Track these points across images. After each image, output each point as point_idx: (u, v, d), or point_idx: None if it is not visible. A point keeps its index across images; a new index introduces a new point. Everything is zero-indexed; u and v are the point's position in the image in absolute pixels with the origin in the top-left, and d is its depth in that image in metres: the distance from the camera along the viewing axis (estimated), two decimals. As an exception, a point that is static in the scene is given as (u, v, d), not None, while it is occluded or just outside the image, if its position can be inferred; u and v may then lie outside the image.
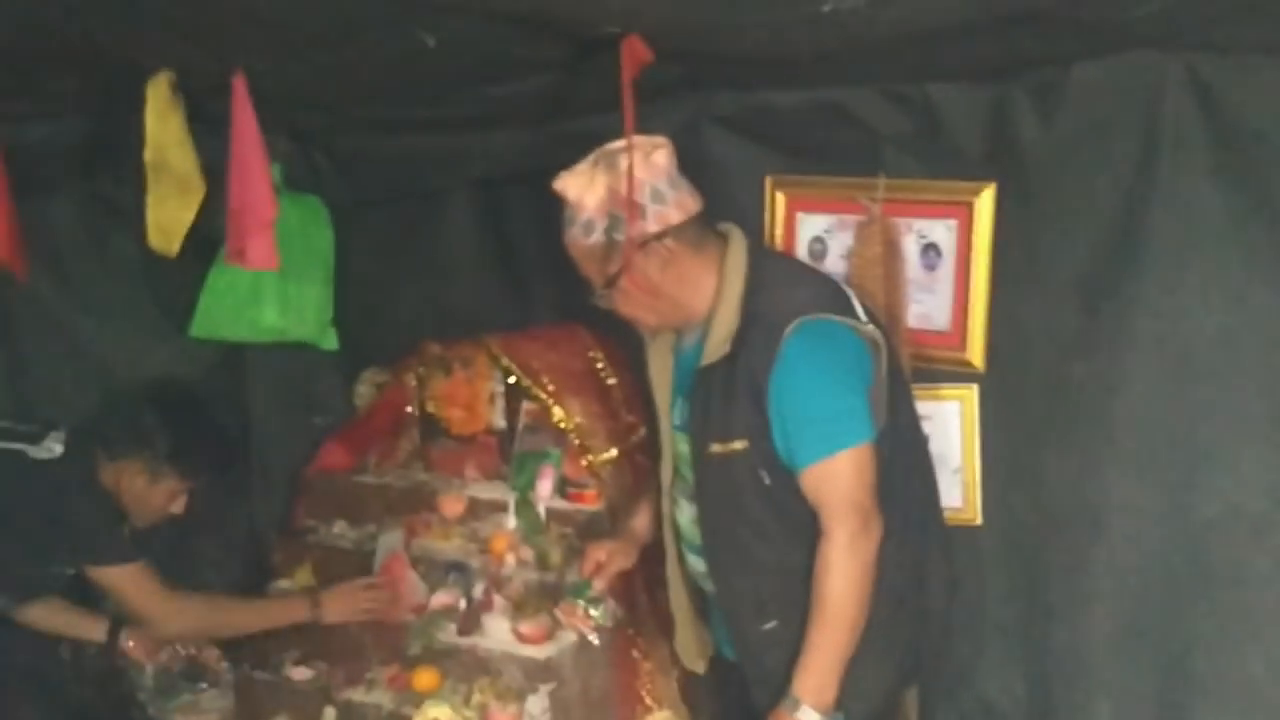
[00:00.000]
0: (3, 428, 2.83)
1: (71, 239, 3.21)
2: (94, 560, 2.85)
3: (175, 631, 3.04)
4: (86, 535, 2.83)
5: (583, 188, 2.24)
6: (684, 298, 2.30)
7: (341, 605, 3.11)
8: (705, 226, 2.31)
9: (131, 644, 3.14)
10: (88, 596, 3.15)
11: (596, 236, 2.24)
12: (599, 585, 2.68)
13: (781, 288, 2.27)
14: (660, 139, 2.26)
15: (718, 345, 2.25)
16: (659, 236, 2.23)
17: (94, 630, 3.15)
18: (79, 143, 2.84)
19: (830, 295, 2.30)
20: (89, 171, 3.09)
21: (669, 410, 2.49)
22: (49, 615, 3.08)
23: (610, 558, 2.68)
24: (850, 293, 2.35)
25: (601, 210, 2.22)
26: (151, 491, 2.90)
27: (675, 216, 2.24)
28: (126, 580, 2.87)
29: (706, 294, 2.29)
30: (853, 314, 2.27)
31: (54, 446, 2.78)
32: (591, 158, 2.25)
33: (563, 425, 3.26)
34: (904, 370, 2.42)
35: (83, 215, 3.23)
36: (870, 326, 2.27)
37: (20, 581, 2.92)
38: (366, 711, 3.05)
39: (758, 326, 2.21)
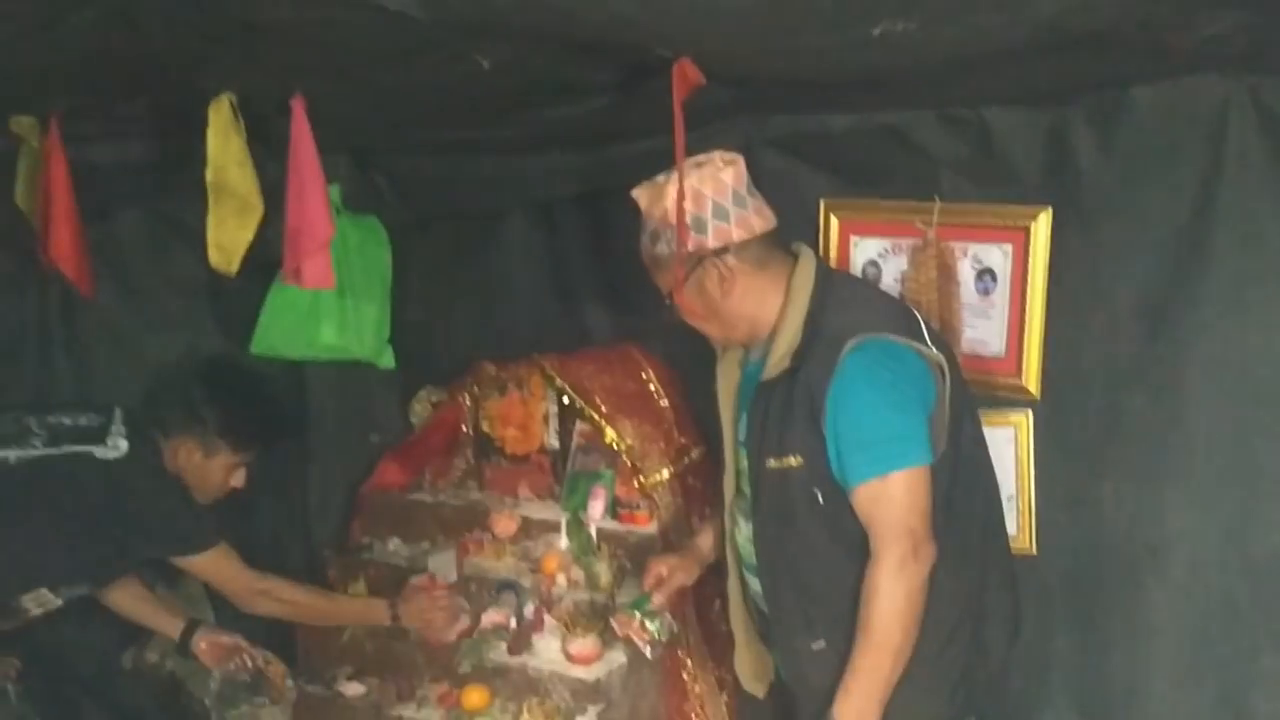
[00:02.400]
0: (66, 427, 2.82)
1: (137, 256, 3.27)
2: (181, 551, 2.88)
3: (264, 610, 3.02)
4: (166, 528, 2.84)
5: (653, 198, 2.27)
6: (745, 313, 2.30)
7: (417, 609, 3.10)
8: (773, 245, 2.31)
9: (204, 646, 3.15)
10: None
11: (662, 246, 2.26)
12: (658, 599, 2.67)
13: (847, 307, 2.26)
14: (733, 155, 2.28)
15: (779, 360, 2.24)
16: (719, 252, 2.24)
17: (170, 626, 3.18)
18: (144, 163, 2.90)
19: (897, 317, 2.27)
20: (154, 191, 3.14)
21: (734, 425, 2.48)
22: (129, 602, 3.13)
23: (672, 572, 2.66)
24: (921, 317, 2.33)
25: (665, 221, 2.23)
26: (208, 466, 2.90)
27: (738, 234, 2.24)
28: (216, 563, 2.90)
29: (771, 311, 2.29)
30: (919, 337, 2.24)
31: (119, 443, 2.77)
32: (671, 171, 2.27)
33: (615, 446, 3.26)
34: (971, 397, 2.38)
35: (148, 233, 3.28)
36: (935, 351, 2.24)
37: (104, 578, 2.97)
38: (416, 728, 3.07)
39: (819, 343, 2.20)
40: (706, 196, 2.21)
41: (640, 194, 2.30)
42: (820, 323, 2.23)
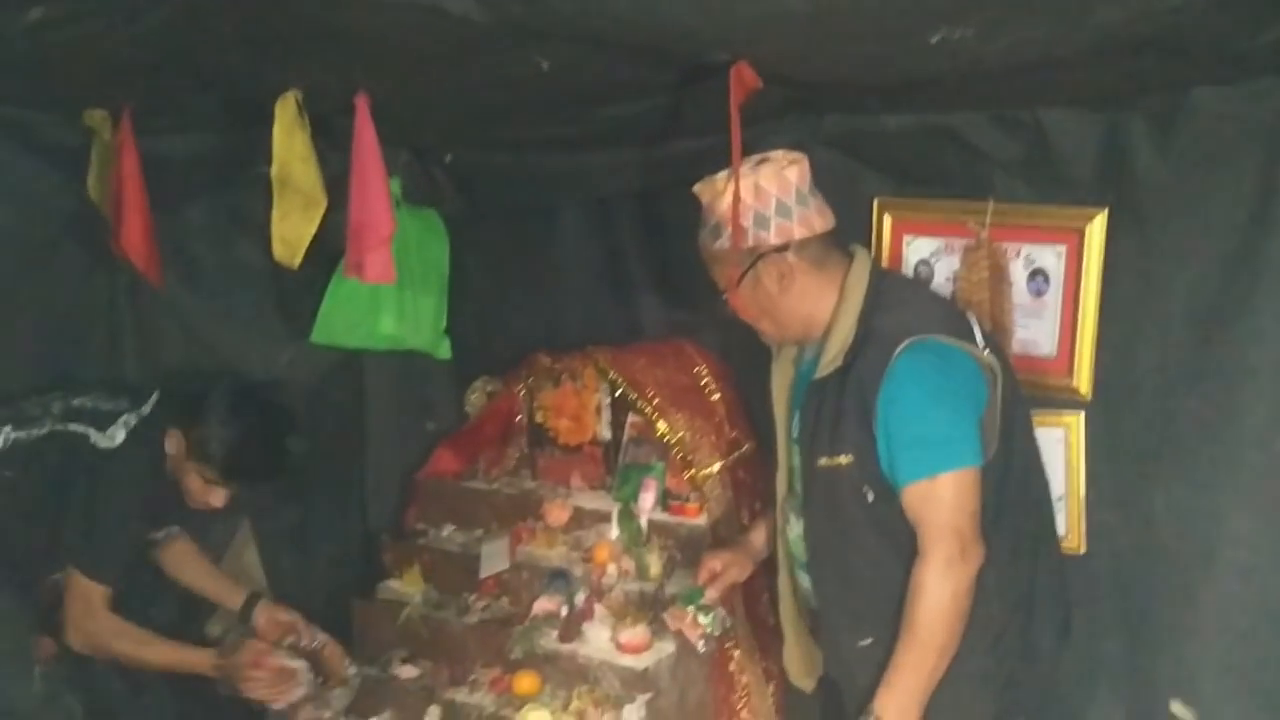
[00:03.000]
0: (86, 409, 2.82)
1: (202, 247, 3.32)
2: (76, 563, 2.81)
3: (79, 643, 2.88)
4: (87, 536, 2.79)
5: (716, 193, 2.28)
6: (801, 311, 2.32)
7: (235, 676, 3.01)
8: (832, 245, 2.33)
9: (263, 620, 3.22)
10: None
11: (723, 241, 2.27)
12: (711, 594, 2.70)
13: (900, 308, 2.27)
14: (798, 155, 2.30)
15: (831, 359, 2.27)
16: (779, 249, 2.26)
17: (230, 597, 3.25)
18: (212, 157, 2.96)
19: (950, 319, 2.29)
20: (221, 184, 3.20)
21: (787, 423, 2.51)
22: (190, 569, 3.20)
23: (725, 568, 2.70)
24: (973, 319, 2.33)
25: (728, 216, 2.24)
26: (186, 466, 2.88)
27: (799, 232, 2.26)
28: (88, 597, 2.82)
29: (825, 310, 2.31)
30: (971, 339, 2.25)
31: (117, 434, 2.77)
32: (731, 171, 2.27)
33: (667, 439, 3.29)
34: (1023, 400, 2.39)
35: (215, 225, 3.34)
36: (987, 353, 2.25)
37: (36, 565, 2.89)
38: (469, 712, 3.11)
39: (872, 343, 2.22)
40: (770, 193, 2.24)
41: (702, 190, 2.32)
42: (872, 323, 2.24)
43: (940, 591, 2.16)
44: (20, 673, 2.93)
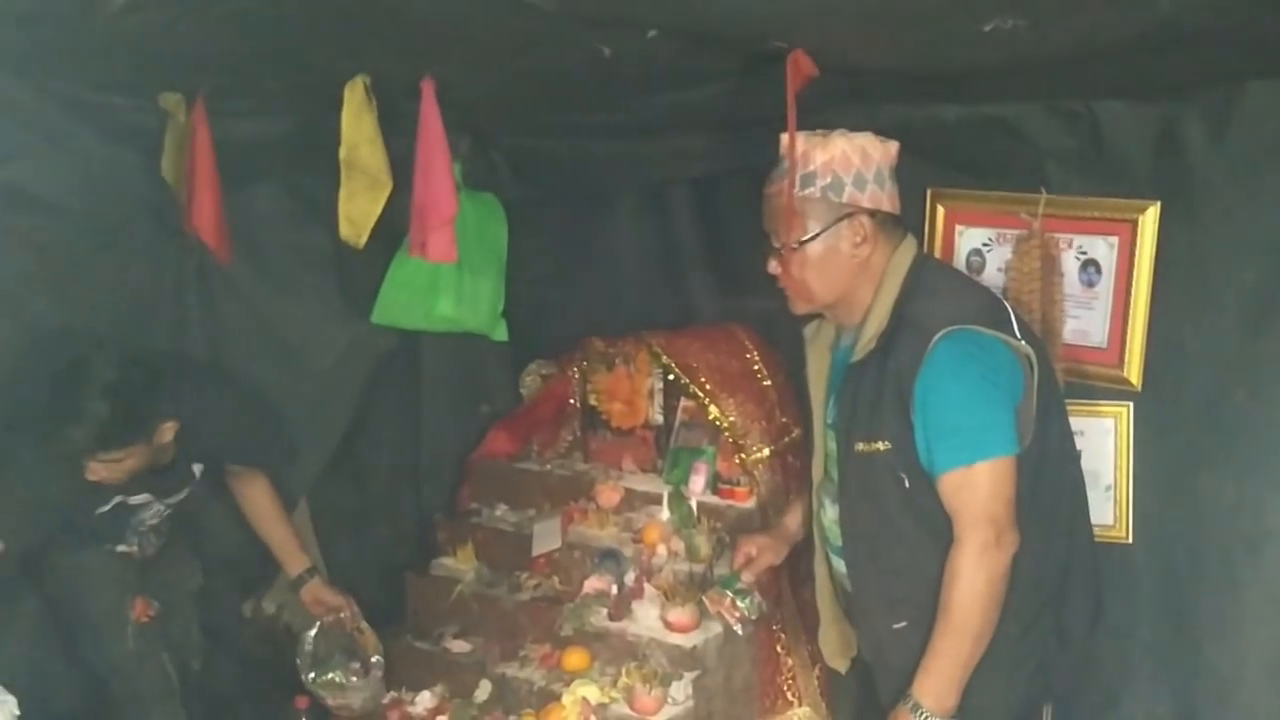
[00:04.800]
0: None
1: (270, 228, 3.38)
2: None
3: None
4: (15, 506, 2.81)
5: (815, 144, 2.28)
6: (856, 283, 2.33)
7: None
8: (896, 229, 2.37)
9: (310, 595, 3.30)
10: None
11: (812, 190, 2.28)
12: (748, 578, 2.75)
13: (938, 296, 2.30)
14: (893, 142, 2.34)
15: (867, 343, 2.29)
16: (870, 214, 2.30)
17: (292, 558, 3.30)
18: (282, 139, 3.02)
19: (987, 309, 2.30)
20: (289, 166, 3.26)
21: (823, 408, 2.54)
22: (260, 505, 3.26)
23: (761, 552, 2.74)
24: (1010, 309, 2.35)
25: (828, 167, 2.27)
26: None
27: (886, 204, 2.31)
28: None
29: (867, 292, 2.33)
30: (1009, 329, 2.26)
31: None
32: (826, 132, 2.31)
33: (718, 423, 3.34)
34: (1059, 389, 2.40)
35: (281, 206, 3.40)
36: (1024, 343, 2.26)
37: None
38: (519, 686, 3.19)
39: (909, 330, 2.24)
40: (873, 159, 2.28)
41: (803, 138, 2.29)
42: (908, 310, 2.27)
43: (976, 577, 2.18)
44: (117, 632, 3.05)
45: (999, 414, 2.21)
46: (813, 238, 2.29)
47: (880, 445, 2.27)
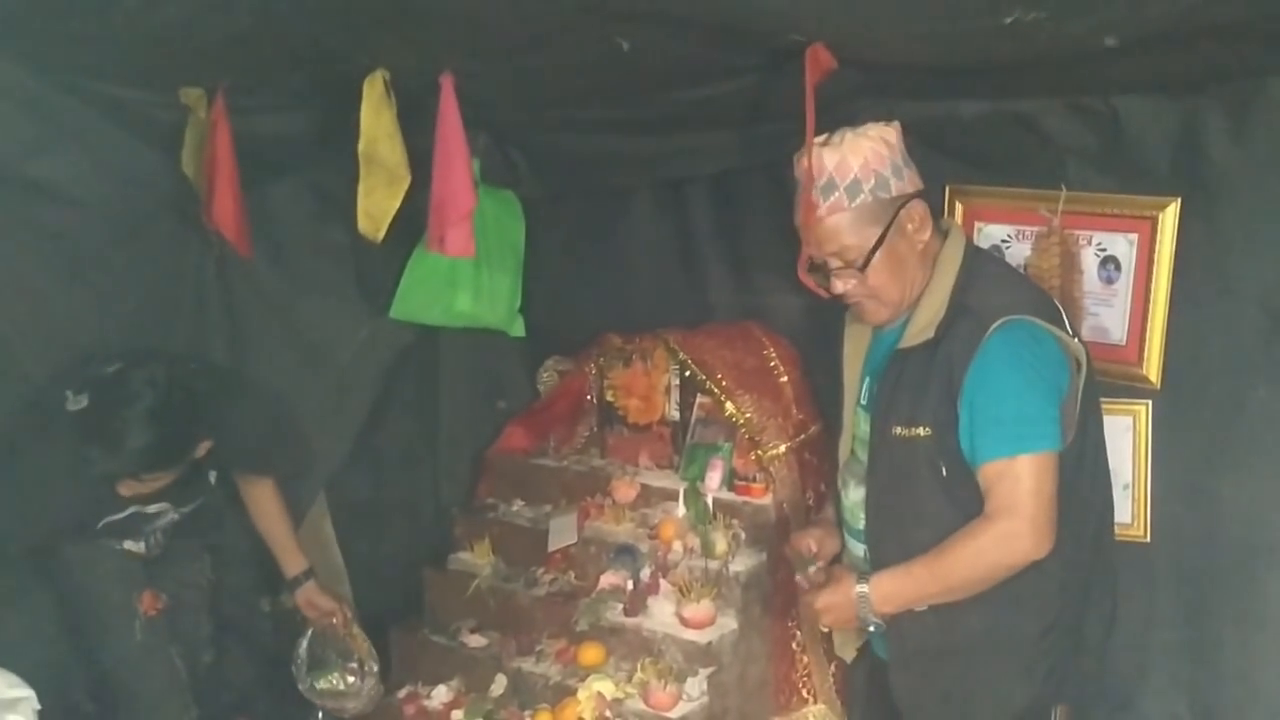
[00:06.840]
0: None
1: (289, 222, 3.39)
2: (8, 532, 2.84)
3: None
4: (26, 505, 2.80)
5: (842, 154, 2.24)
6: (918, 273, 2.30)
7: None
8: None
9: (304, 598, 3.31)
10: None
11: (863, 197, 2.24)
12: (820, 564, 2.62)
13: (994, 287, 2.27)
14: (895, 122, 2.31)
15: (921, 329, 2.26)
16: (920, 194, 2.28)
17: (290, 559, 3.30)
18: (301, 134, 3.04)
19: (1042, 303, 2.28)
20: (309, 161, 3.27)
21: (857, 389, 2.50)
22: (263, 506, 3.26)
23: (820, 543, 2.62)
24: (1060, 307, 2.33)
25: (867, 169, 2.23)
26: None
27: (919, 183, 2.30)
28: None
29: (922, 278, 2.30)
30: (1062, 325, 2.25)
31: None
32: (827, 136, 2.26)
33: (734, 419, 3.34)
34: (1098, 393, 2.37)
35: (300, 201, 3.42)
36: (1075, 342, 2.24)
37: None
38: (534, 681, 3.20)
39: (965, 319, 2.21)
40: (894, 144, 2.26)
41: (821, 156, 2.23)
42: (966, 299, 2.24)
43: (985, 552, 2.17)
44: (124, 626, 3.07)
45: (1046, 408, 2.18)
46: (879, 243, 2.25)
47: (921, 431, 2.24)
